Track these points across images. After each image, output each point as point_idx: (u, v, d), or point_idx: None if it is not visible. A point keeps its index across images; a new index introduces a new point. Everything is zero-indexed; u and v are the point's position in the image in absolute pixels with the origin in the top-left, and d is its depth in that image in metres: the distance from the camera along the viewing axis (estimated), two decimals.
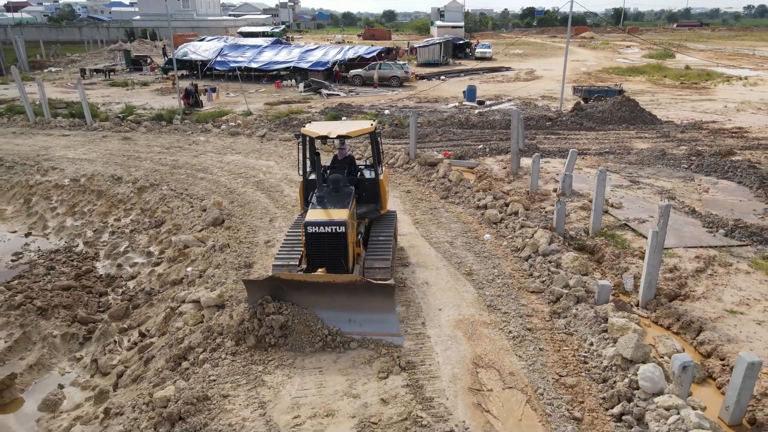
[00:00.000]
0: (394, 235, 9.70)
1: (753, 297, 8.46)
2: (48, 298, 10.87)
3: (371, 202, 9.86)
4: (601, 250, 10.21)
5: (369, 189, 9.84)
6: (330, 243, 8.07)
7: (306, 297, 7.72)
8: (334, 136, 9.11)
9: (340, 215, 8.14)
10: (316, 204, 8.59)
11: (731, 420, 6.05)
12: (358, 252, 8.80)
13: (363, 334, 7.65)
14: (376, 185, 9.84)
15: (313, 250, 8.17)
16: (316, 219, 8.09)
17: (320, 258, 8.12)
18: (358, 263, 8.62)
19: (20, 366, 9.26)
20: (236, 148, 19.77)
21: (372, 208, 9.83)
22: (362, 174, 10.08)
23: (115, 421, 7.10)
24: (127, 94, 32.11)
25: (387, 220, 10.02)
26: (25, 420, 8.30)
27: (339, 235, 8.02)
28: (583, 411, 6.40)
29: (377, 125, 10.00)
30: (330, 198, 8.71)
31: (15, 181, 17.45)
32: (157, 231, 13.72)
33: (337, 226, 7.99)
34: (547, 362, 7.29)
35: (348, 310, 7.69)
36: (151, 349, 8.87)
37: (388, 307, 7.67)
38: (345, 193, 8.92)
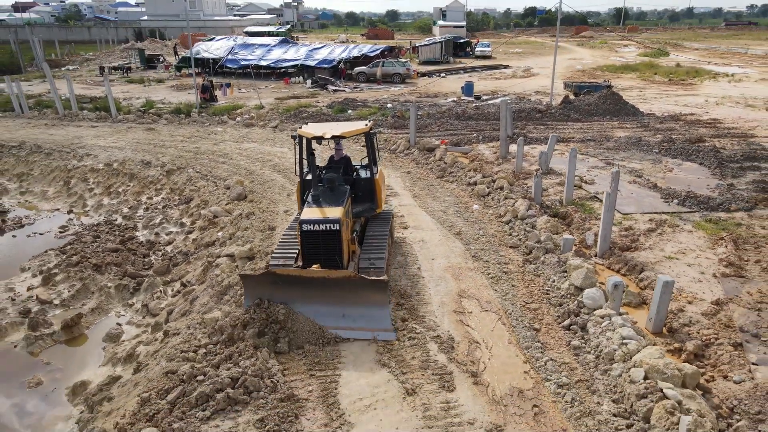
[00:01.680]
0: (390, 233, 9.97)
1: (689, 248, 10.27)
2: (100, 258, 12.76)
3: (367, 201, 10.05)
4: (571, 215, 12.03)
5: (364, 188, 10.04)
6: (324, 240, 8.26)
7: (301, 292, 7.89)
8: (328, 137, 9.22)
9: (335, 213, 8.31)
10: (311, 203, 8.79)
11: (654, 329, 7.85)
12: (354, 250, 8.99)
13: (357, 329, 7.84)
14: (371, 185, 10.02)
15: (309, 248, 8.37)
16: (311, 217, 8.29)
17: (315, 255, 8.31)
18: (353, 260, 8.80)
19: (83, 310, 11.13)
20: (251, 137, 21.65)
21: (367, 207, 10.03)
22: (358, 174, 10.31)
23: (173, 339, 8.95)
24: (145, 90, 34.04)
25: (383, 219, 10.29)
26: (93, 348, 10.18)
27: (333, 233, 8.21)
28: (542, 324, 8.23)
29: (372, 125, 10.17)
30: (325, 197, 8.87)
31: (54, 165, 19.35)
32: (187, 206, 15.59)
33: (332, 224, 8.18)
34: (517, 294, 9.13)
35: (342, 305, 7.87)
36: (194, 293, 10.72)
37: (382, 302, 7.85)
38: (340, 192, 9.05)
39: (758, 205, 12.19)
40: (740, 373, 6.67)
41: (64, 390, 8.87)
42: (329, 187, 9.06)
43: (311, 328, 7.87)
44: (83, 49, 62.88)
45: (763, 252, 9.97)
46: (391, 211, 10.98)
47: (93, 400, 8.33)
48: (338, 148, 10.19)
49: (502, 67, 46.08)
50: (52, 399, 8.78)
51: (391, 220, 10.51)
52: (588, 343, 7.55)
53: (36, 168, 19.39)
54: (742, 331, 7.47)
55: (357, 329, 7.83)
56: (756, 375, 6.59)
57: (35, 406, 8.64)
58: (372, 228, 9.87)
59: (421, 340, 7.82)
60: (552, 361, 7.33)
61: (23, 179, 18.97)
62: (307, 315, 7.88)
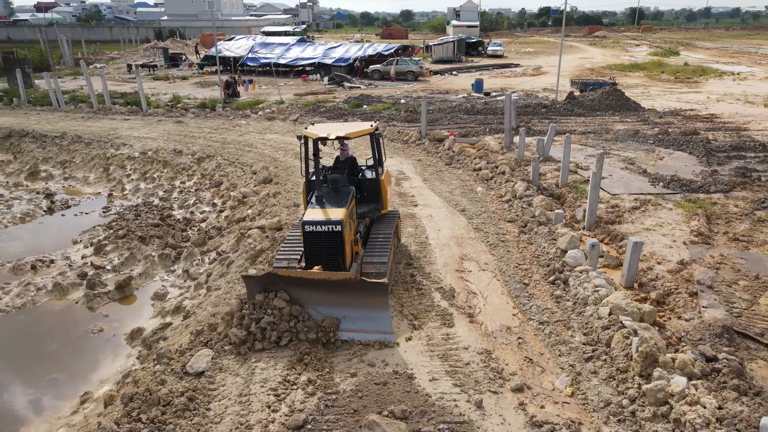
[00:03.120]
0: (395, 234, 9.96)
1: (666, 222, 11.58)
2: (144, 231, 14.36)
3: (372, 201, 10.05)
4: (564, 195, 13.36)
5: (369, 189, 10.05)
6: (327, 242, 8.24)
7: (302, 293, 7.98)
8: (333, 138, 9.19)
9: (337, 215, 8.30)
10: (314, 203, 8.80)
11: (626, 283, 9.18)
12: (357, 251, 9.00)
13: (356, 331, 7.88)
14: (376, 185, 10.03)
15: (311, 249, 8.37)
16: (313, 218, 8.29)
17: (317, 256, 8.32)
18: (356, 262, 8.82)
19: (132, 274, 12.71)
20: (274, 129, 23.21)
21: (372, 207, 10.01)
22: (363, 174, 10.30)
23: (215, 293, 10.47)
24: (170, 87, 35.81)
25: (388, 220, 10.24)
26: (143, 305, 11.75)
27: (335, 234, 8.19)
28: (530, 280, 9.63)
29: (377, 126, 10.13)
30: (329, 198, 8.87)
31: (94, 154, 21.06)
32: (217, 189, 17.16)
33: (334, 225, 8.15)
34: (511, 258, 10.53)
35: (342, 307, 7.91)
36: (229, 258, 12.24)
37: (382, 305, 7.88)
38: (344, 193, 9.03)
39: (736, 187, 13.44)
40: (692, 314, 8.00)
41: (123, 336, 10.43)
42: (333, 188, 9.03)
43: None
44: (107, 49, 65.15)
45: (732, 225, 11.25)
46: (397, 212, 10.97)
47: (150, 341, 9.89)
48: (344, 149, 10.21)
49: (513, 66, 47.27)
50: (113, 342, 10.34)
51: (397, 220, 10.51)
52: (568, 293, 8.94)
53: (77, 156, 21.11)
54: (698, 283, 8.80)
55: (356, 331, 7.87)
56: (704, 315, 7.92)
57: (100, 347, 10.22)
58: (377, 229, 9.85)
59: (426, 290, 9.26)
60: (536, 306, 8.74)
61: (66, 166, 20.70)
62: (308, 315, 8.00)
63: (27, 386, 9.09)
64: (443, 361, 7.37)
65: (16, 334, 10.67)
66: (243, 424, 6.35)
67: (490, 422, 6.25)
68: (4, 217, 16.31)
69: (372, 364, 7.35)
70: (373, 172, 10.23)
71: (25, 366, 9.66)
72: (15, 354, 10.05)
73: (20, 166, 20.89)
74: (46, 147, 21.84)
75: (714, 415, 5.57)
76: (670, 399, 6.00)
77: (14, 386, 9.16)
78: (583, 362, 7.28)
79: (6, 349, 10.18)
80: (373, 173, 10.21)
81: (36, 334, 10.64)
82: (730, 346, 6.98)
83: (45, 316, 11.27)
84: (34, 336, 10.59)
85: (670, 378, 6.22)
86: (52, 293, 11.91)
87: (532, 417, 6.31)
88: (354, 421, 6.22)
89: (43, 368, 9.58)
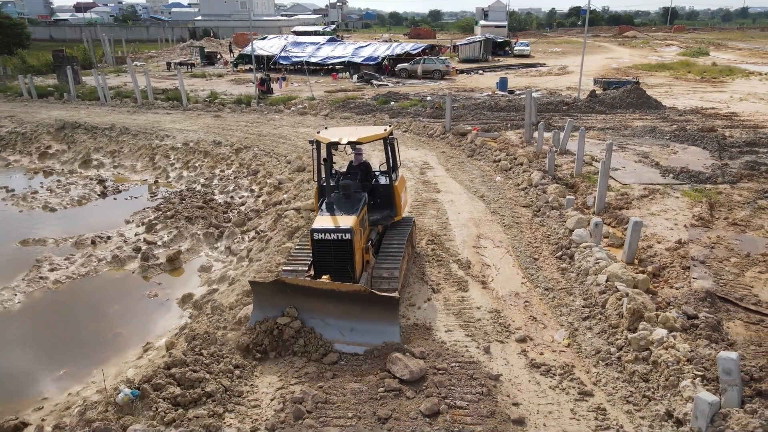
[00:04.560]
0: (408, 241, 9.66)
1: (671, 209, 12.44)
2: (190, 212, 15.78)
3: (385, 208, 9.77)
4: (577, 184, 14.30)
5: (383, 195, 9.76)
6: (336, 250, 8.01)
7: (309, 303, 7.72)
8: (344, 142, 8.96)
9: (347, 222, 8.06)
10: (324, 210, 8.57)
11: (627, 259, 10.12)
12: (368, 259, 8.77)
13: (364, 344, 7.60)
14: (390, 191, 9.72)
15: (319, 257, 8.17)
16: (322, 226, 8.08)
17: (326, 265, 8.10)
18: (366, 270, 8.58)
19: (180, 249, 14.10)
20: (306, 123, 24.54)
21: (386, 214, 9.71)
22: (377, 180, 10.08)
23: (256, 264, 11.75)
24: (207, 83, 37.56)
25: (402, 227, 9.93)
26: (191, 276, 13.09)
27: (345, 243, 7.95)
28: (540, 256, 10.66)
29: (392, 130, 9.89)
30: (339, 204, 8.62)
31: (140, 144, 22.69)
32: (254, 176, 18.52)
33: (343, 233, 7.92)
34: (524, 237, 11.56)
35: (351, 319, 7.64)
36: (267, 236, 13.53)
37: (391, 319, 7.63)
38: (355, 199, 8.78)
39: (742, 179, 14.17)
40: (682, 283, 8.93)
41: (175, 300, 11.78)
42: (344, 194, 8.78)
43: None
44: (145, 48, 67.74)
45: (733, 212, 12.05)
46: (411, 219, 10.60)
47: (200, 303, 11.22)
48: (358, 153, 9.98)
49: (539, 65, 47.85)
50: (166, 305, 11.71)
51: (412, 227, 10.17)
52: (572, 266, 9.94)
53: (125, 146, 22.77)
54: (692, 259, 9.70)
55: (364, 344, 7.60)
56: (693, 285, 8.85)
57: (155, 309, 11.59)
58: (389, 236, 9.55)
59: (445, 262, 10.37)
60: (543, 276, 9.78)
61: (115, 155, 22.37)
62: (315, 326, 7.78)
63: (96, 339, 10.48)
64: (457, 318, 8.48)
65: (82, 297, 12.12)
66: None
67: (495, 363, 7.34)
68: (63, 200, 17.97)
69: None
70: (387, 177, 9.89)
71: (92, 323, 11.09)
72: (83, 314, 11.49)
73: (74, 155, 22.65)
74: (97, 138, 23.57)
75: (685, 356, 6.55)
76: (651, 346, 6.99)
77: (85, 339, 10.58)
78: (581, 321, 8.31)
79: (75, 310, 11.63)
80: (386, 179, 9.88)
81: (99, 298, 12.08)
82: (711, 308, 7.91)
83: (106, 283, 12.72)
84: (98, 299, 12.03)
85: (653, 330, 7.21)
86: (111, 264, 13.37)
87: (531, 360, 7.38)
88: (382, 357, 7.37)
89: (108, 325, 10.98)
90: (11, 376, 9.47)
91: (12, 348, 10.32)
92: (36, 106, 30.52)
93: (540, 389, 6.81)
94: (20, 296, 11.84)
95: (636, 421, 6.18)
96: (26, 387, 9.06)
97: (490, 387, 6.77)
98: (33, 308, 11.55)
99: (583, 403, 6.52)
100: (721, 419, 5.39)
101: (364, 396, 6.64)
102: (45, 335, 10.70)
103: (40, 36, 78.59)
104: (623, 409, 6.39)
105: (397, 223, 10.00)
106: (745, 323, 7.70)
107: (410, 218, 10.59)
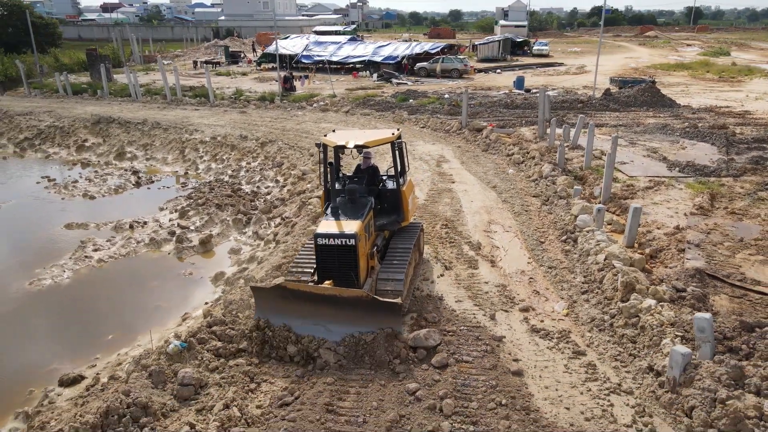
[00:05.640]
0: (415, 247, 9.50)
1: (674, 199, 13.11)
2: (220, 200, 16.86)
3: (392, 213, 9.60)
4: (586, 176, 15.02)
5: (390, 200, 9.60)
6: (340, 256, 7.91)
7: (311, 309, 7.62)
8: (351, 146, 8.85)
9: (351, 228, 7.94)
10: (329, 215, 8.44)
11: (627, 243, 10.84)
12: (373, 265, 8.65)
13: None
14: (397, 196, 9.56)
15: (323, 263, 8.07)
16: (326, 231, 7.97)
17: (330, 271, 8.01)
18: (371, 276, 8.45)
19: (212, 233, 15.16)
20: (328, 119, 25.54)
21: (392, 220, 9.56)
22: (384, 184, 9.87)
23: (282, 245, 12.73)
24: (232, 81, 38.84)
25: (409, 233, 9.74)
26: (222, 258, 14.12)
27: (349, 248, 7.85)
28: (546, 239, 11.46)
29: (399, 134, 9.66)
30: (345, 209, 8.48)
31: (171, 138, 23.91)
32: (279, 168, 19.56)
33: (347, 238, 7.81)
34: (532, 223, 12.36)
35: (353, 325, 7.57)
36: (293, 222, 14.51)
37: (394, 325, 7.61)
38: (361, 204, 8.65)
39: (746, 173, 14.76)
40: (676, 264, 9.67)
41: (208, 277, 12.81)
42: (350, 199, 8.67)
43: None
44: (170, 47, 69.56)
45: (734, 202, 12.69)
46: (419, 225, 10.37)
47: (231, 279, 12.23)
48: (366, 157, 9.78)
49: (557, 65, 48.28)
50: (201, 282, 12.75)
51: (419, 233, 10.00)
52: (575, 248, 10.72)
53: (157, 140, 24.01)
54: (688, 242, 10.41)
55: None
56: (686, 265, 9.58)
57: (191, 285, 12.64)
58: (396, 242, 9.42)
59: (457, 243, 11.23)
60: (548, 257, 10.59)
61: (147, 148, 23.62)
62: (316, 333, 7.68)
63: (138, 311, 11.55)
64: (467, 290, 9.35)
65: (124, 275, 13.24)
66: None
67: (499, 328, 8.19)
68: (101, 189, 19.21)
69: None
70: (394, 182, 9.70)
71: (134, 297, 12.17)
72: (125, 289, 12.58)
73: (109, 148, 23.96)
74: (130, 132, 24.86)
75: (669, 320, 7.33)
76: (640, 313, 7.77)
77: (128, 310, 11.65)
78: (580, 294, 9.11)
79: (118, 285, 12.73)
80: (394, 183, 9.71)
81: (140, 275, 13.17)
82: (699, 283, 8.65)
83: (145, 263, 13.83)
84: (138, 276, 13.12)
85: (643, 300, 7.99)
86: (149, 246, 14.48)
87: (532, 326, 8.21)
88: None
89: (148, 299, 12.05)
90: (65, 339, 10.59)
91: (64, 316, 11.46)
92: (72, 102, 32.05)
93: (538, 349, 7.64)
94: (68, 272, 12.99)
95: (621, 374, 6.99)
96: (79, 349, 10.14)
97: (493, 346, 7.63)
98: (80, 283, 12.70)
99: (576, 360, 7.34)
100: (692, 368, 6.17)
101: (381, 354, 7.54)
102: (92, 306, 11.82)
103: (69, 35, 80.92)
104: (611, 365, 7.20)
105: (404, 228, 9.81)
106: (729, 297, 8.43)
107: (418, 224, 10.41)
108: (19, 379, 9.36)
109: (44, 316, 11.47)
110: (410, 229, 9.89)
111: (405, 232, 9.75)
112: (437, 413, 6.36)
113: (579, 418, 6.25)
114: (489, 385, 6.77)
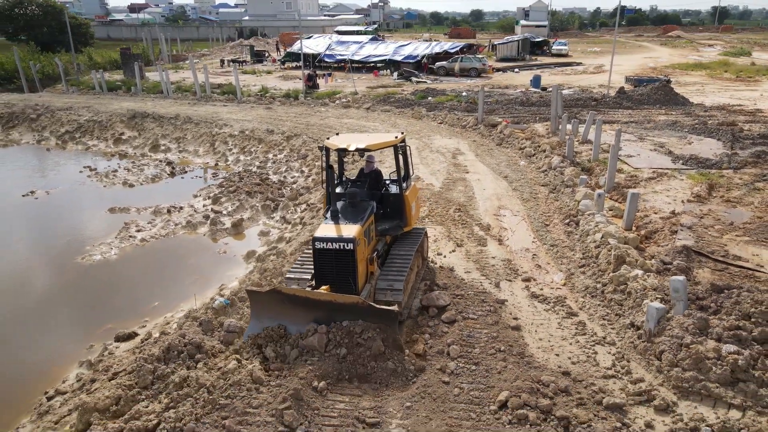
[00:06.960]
0: (417, 253, 9.43)
1: (674, 188, 13.97)
2: (249, 187, 18.14)
3: (395, 218, 9.47)
4: (593, 168, 15.95)
5: (392, 205, 9.47)
6: (338, 260, 7.83)
7: (306, 314, 7.56)
8: (352, 149, 8.77)
9: (350, 232, 7.85)
10: (329, 219, 8.36)
11: (626, 226, 11.76)
12: (372, 270, 8.52)
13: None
14: (399, 201, 9.43)
15: (321, 267, 8.00)
16: (325, 235, 7.90)
17: (327, 275, 7.93)
18: (370, 282, 8.37)
19: (243, 218, 16.42)
20: (350, 115, 26.74)
21: (395, 224, 9.41)
22: (387, 188, 9.77)
23: (309, 226, 13.91)
24: (257, 79, 40.30)
25: (411, 239, 9.64)
26: (252, 239, 15.36)
27: (347, 253, 7.75)
28: (550, 222, 12.46)
29: (403, 137, 9.59)
30: (345, 213, 8.41)
31: (202, 132, 25.33)
32: (304, 160, 20.78)
33: (346, 243, 7.71)
34: (539, 208, 13.37)
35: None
36: (317, 207, 15.69)
37: (391, 332, 7.47)
38: (361, 208, 8.57)
39: (746, 166, 15.53)
40: (668, 242, 10.60)
41: (240, 255, 14.06)
42: (350, 203, 8.64)
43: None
44: (197, 46, 71.58)
45: (731, 192, 13.52)
46: (422, 230, 10.25)
47: (262, 257, 13.46)
48: (370, 161, 9.79)
49: (575, 65, 48.84)
50: (234, 260, 13.99)
51: (422, 239, 9.88)
52: (577, 230, 11.71)
53: (189, 133, 25.45)
54: (681, 225, 11.32)
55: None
56: (676, 243, 10.50)
57: (225, 262, 13.89)
58: (397, 248, 9.34)
59: (468, 224, 12.30)
60: (551, 237, 11.60)
61: (180, 141, 25.07)
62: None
63: (179, 282, 12.83)
64: (475, 263, 10.42)
65: (165, 252, 14.56)
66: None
67: (502, 293, 9.25)
68: (139, 178, 20.66)
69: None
70: (397, 186, 9.50)
71: (175, 271, 13.47)
72: (167, 264, 13.90)
73: (144, 141, 25.47)
74: (164, 126, 26.35)
75: (652, 286, 8.31)
76: (627, 281, 8.76)
77: (170, 282, 12.94)
78: (577, 268, 10.12)
79: (160, 261, 14.04)
80: (397, 188, 9.52)
81: (178, 253, 14.48)
82: (685, 258, 9.59)
83: (183, 242, 15.14)
84: (176, 254, 14.43)
85: (632, 270, 8.97)
86: (186, 228, 15.79)
87: (532, 293, 9.26)
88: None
89: (188, 272, 13.32)
90: (115, 306, 11.90)
91: (114, 287, 12.79)
92: (107, 98, 33.78)
93: (536, 310, 8.69)
94: (115, 250, 14.36)
95: (607, 330, 8.00)
96: (129, 314, 11.43)
97: (496, 307, 8.70)
98: (127, 259, 14.05)
99: (568, 319, 8.37)
100: (665, 321, 7.16)
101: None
102: (138, 278, 13.14)
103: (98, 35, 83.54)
104: (599, 323, 8.23)
105: (407, 233, 9.71)
106: (712, 270, 9.35)
107: (422, 229, 10.26)
108: (78, 336, 10.69)
109: (95, 287, 12.83)
110: (414, 235, 9.83)
111: (407, 238, 9.68)
112: (445, 356, 7.45)
113: (566, 362, 7.29)
114: (491, 337, 7.84)
